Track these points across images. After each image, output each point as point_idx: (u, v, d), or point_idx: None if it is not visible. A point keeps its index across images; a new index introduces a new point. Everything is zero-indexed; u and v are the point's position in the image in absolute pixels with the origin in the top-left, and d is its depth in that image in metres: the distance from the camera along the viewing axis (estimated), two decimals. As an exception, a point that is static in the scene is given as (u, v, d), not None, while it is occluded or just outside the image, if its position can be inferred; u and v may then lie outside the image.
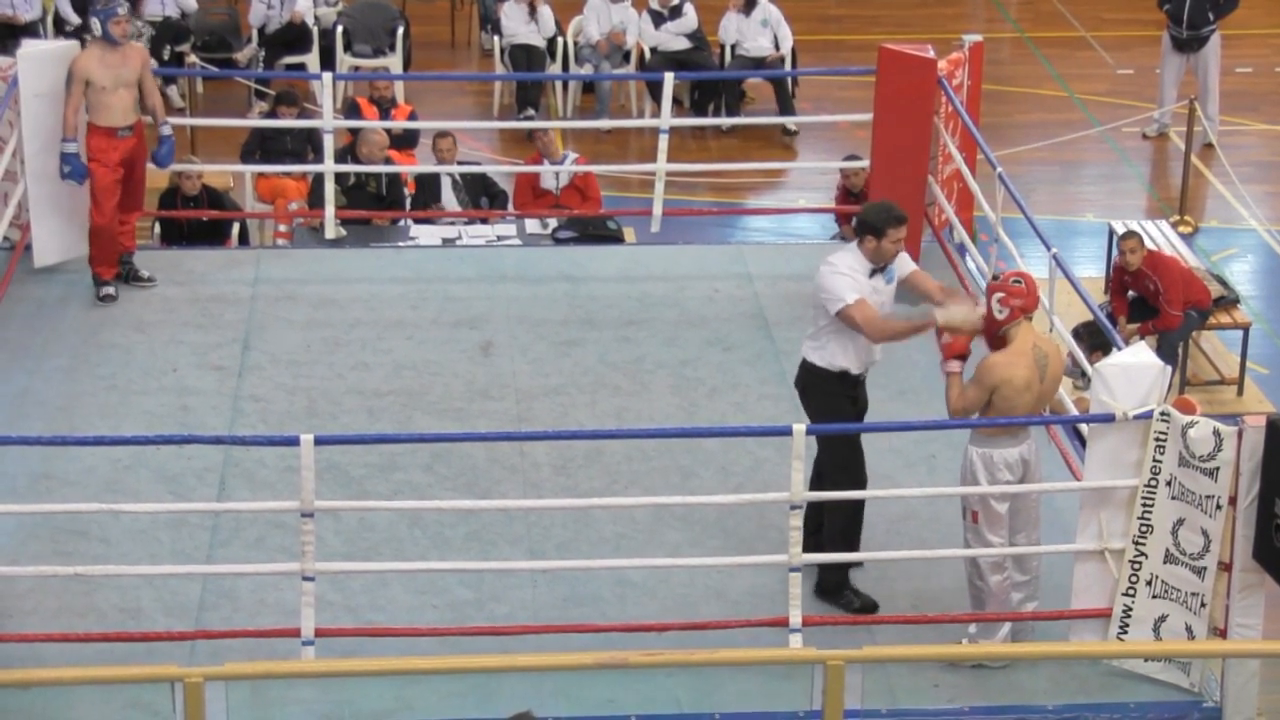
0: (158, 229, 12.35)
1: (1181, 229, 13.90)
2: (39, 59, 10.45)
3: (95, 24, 10.20)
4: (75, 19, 16.26)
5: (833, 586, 8.25)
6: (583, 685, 7.41)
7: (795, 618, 7.80)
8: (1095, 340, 10.34)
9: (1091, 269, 13.32)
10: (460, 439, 8.76)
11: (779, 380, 9.85)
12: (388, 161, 12.32)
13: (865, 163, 11.45)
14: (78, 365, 9.91)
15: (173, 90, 16.08)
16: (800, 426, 7.74)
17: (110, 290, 10.42)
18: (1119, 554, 7.79)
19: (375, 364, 9.98)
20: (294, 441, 7.57)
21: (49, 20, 16.31)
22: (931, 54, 10.77)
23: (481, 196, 12.69)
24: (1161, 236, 13.00)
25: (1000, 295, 7.84)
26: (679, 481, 9.02)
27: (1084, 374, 9.19)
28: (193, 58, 16.12)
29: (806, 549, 7.82)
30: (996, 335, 7.89)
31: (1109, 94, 16.86)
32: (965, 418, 7.85)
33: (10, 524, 8.46)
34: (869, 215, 8.20)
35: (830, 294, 8.11)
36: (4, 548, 8.32)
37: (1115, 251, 12.42)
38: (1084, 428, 8.35)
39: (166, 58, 16.23)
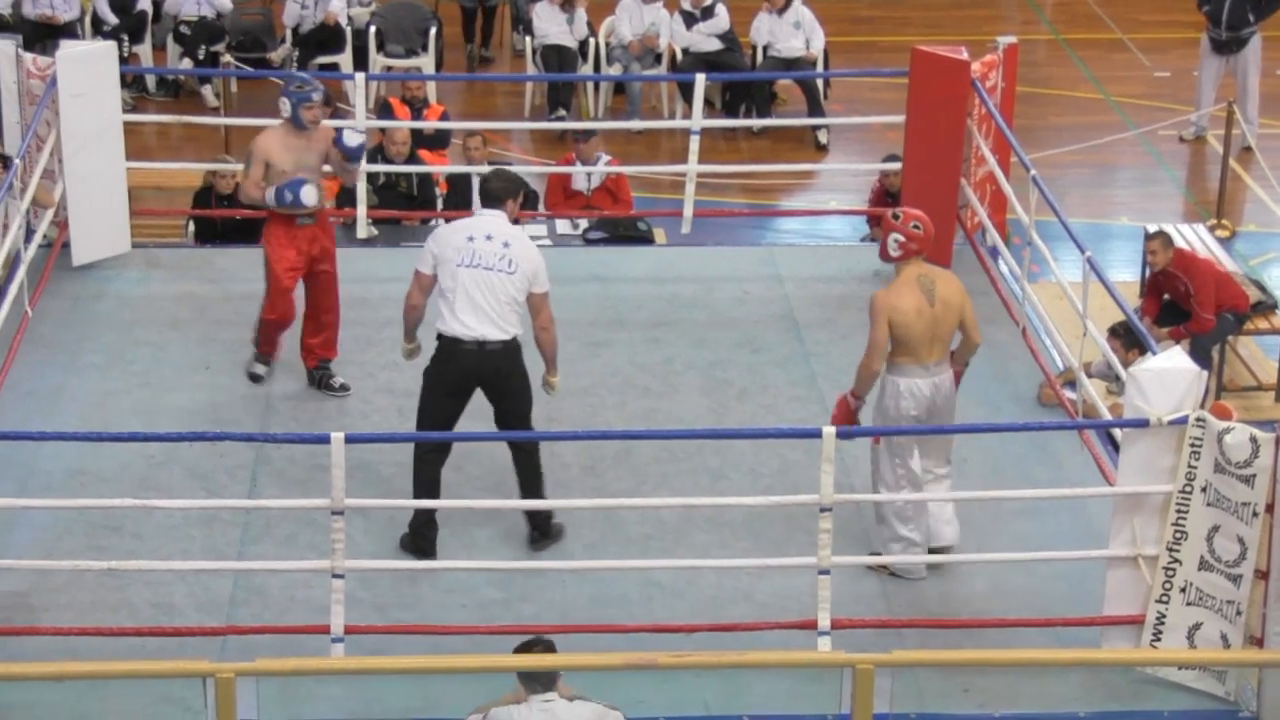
0: (192, 227, 12.41)
1: (1219, 233, 13.83)
2: (77, 60, 10.50)
3: (285, 105, 9.30)
4: (113, 19, 16.34)
5: (554, 531, 8.57)
6: (611, 686, 7.40)
7: (824, 620, 7.79)
8: (1131, 338, 10.30)
9: (1126, 273, 13.27)
10: (489, 438, 8.77)
11: (809, 383, 9.85)
12: (418, 161, 12.35)
13: (899, 165, 11.43)
14: (112, 362, 9.95)
15: (207, 90, 16.15)
16: (830, 429, 7.74)
17: (260, 370, 9.65)
18: (1153, 560, 7.75)
19: (405, 363, 9.99)
20: (325, 440, 7.60)
21: (87, 21, 16.39)
22: (965, 56, 10.75)
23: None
24: (1198, 240, 12.92)
25: (899, 239, 8.22)
26: (708, 483, 9.02)
27: (1118, 378, 9.17)
28: (228, 57, 16.18)
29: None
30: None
31: (1145, 96, 16.80)
32: (879, 358, 8.16)
33: (45, 519, 8.51)
34: None
35: (545, 274, 8.51)
36: (39, 542, 8.37)
37: (1149, 255, 12.37)
38: (1118, 432, 8.33)
39: (201, 57, 16.31)
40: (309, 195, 9.28)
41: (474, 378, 8.39)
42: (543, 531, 8.58)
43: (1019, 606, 8.15)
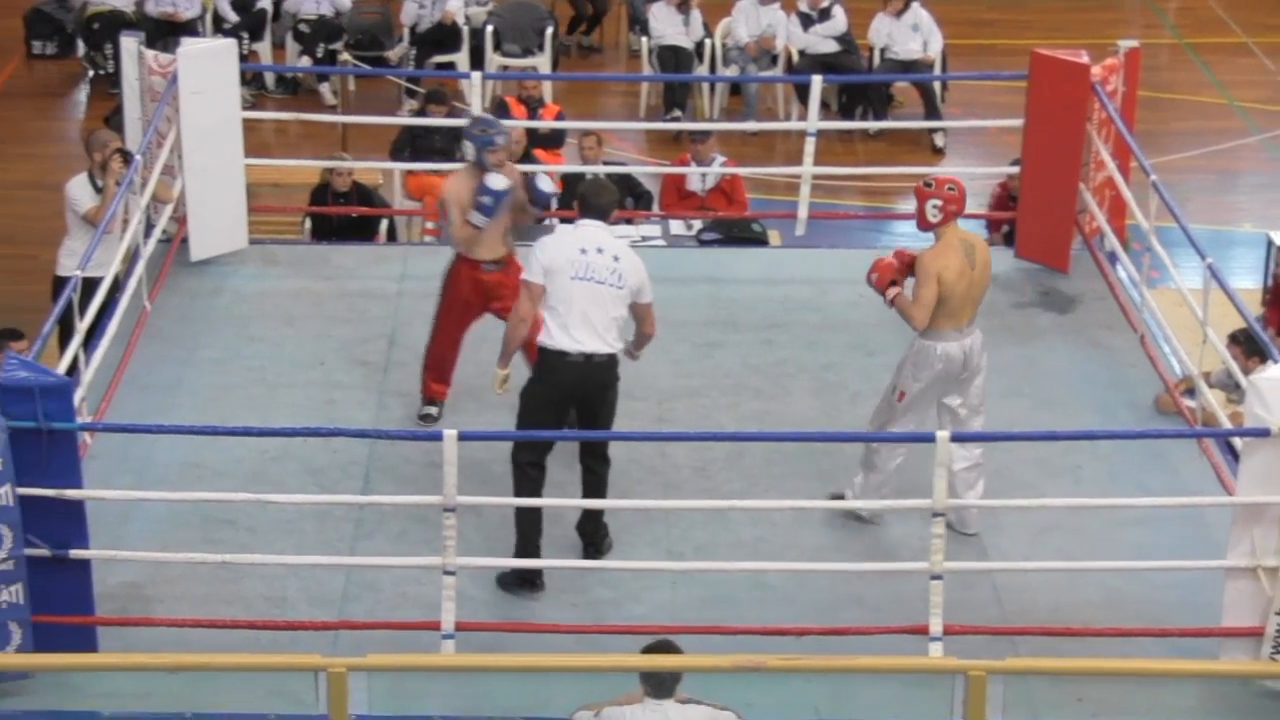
0: (308, 225, 12.50)
1: (1346, 240, 13.61)
2: (198, 57, 10.60)
3: (469, 149, 9.13)
4: (233, 17, 16.52)
5: (608, 545, 8.52)
6: (719, 688, 7.38)
7: (936, 626, 7.73)
8: (1252, 346, 10.15)
9: (1248, 280, 13.07)
10: (601, 438, 8.77)
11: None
12: (533, 160, 12.37)
13: (1017, 169, 11.34)
14: (228, 357, 10.04)
15: (325, 87, 16.28)
16: (944, 433, 7.68)
17: (432, 411, 9.39)
18: (1273, 572, 7.63)
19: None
20: (437, 437, 7.63)
21: (208, 18, 16.57)
22: (1085, 59, 10.65)
23: (627, 197, 12.71)
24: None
25: (937, 203, 8.41)
26: (819, 486, 8.97)
27: (1238, 386, 9.05)
28: (345, 55, 16.31)
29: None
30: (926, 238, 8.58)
31: (1270, 101, 16.56)
32: (929, 315, 8.35)
33: (161, 511, 8.59)
34: None
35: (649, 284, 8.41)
36: (154, 534, 8.45)
37: (1274, 263, 12.20)
38: (1238, 441, 8.21)
39: (320, 55, 16.44)
40: (545, 184, 9.48)
41: (578, 392, 8.27)
42: (597, 548, 8.51)
43: (1134, 616, 8.07)
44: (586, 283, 8.18)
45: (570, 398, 8.30)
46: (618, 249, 8.31)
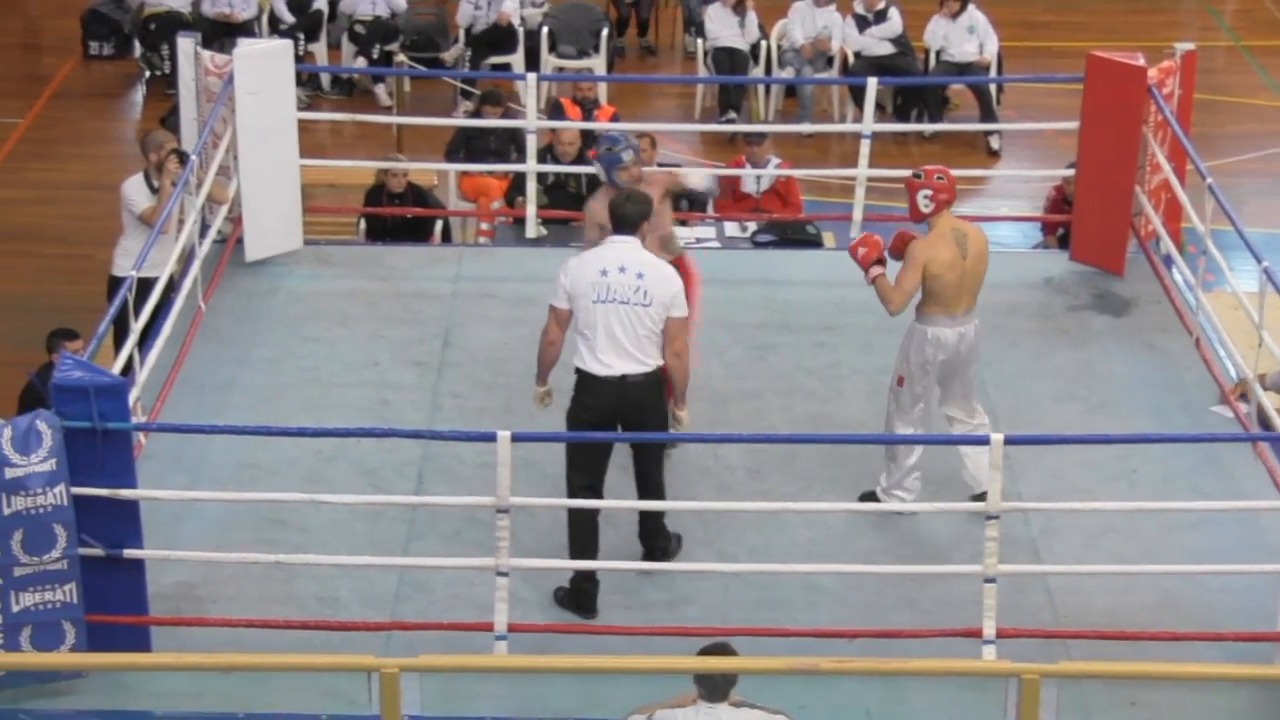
0: (363, 225, 12.54)
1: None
2: (254, 58, 10.64)
3: (600, 171, 9.03)
4: (289, 18, 16.59)
5: (675, 548, 8.50)
6: (772, 690, 7.36)
7: (989, 629, 7.71)
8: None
9: (1304, 284, 13.00)
10: (654, 439, 8.78)
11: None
12: (587, 161, 12.38)
13: (1072, 172, 11.29)
14: (283, 357, 10.08)
15: (381, 89, 16.34)
16: (999, 436, 7.65)
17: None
18: (1326, 576, 7.60)
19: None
20: (491, 437, 7.64)
21: (264, 19, 16.64)
22: (1142, 62, 10.60)
23: (681, 199, 12.70)
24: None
25: (928, 192, 8.49)
26: (873, 488, 8.95)
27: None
28: (401, 56, 16.35)
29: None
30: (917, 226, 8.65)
31: (1328, 105, 16.47)
32: (907, 302, 8.50)
33: (215, 511, 8.63)
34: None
35: (684, 297, 8.24)
36: (208, 534, 8.49)
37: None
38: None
39: (375, 56, 16.50)
40: (700, 180, 9.67)
41: (615, 411, 8.21)
42: (661, 552, 8.46)
43: (1188, 620, 8.02)
44: (609, 305, 8.09)
45: (610, 418, 8.21)
46: (642, 265, 8.13)
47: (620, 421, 8.23)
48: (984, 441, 7.75)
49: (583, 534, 8.23)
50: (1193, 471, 9.02)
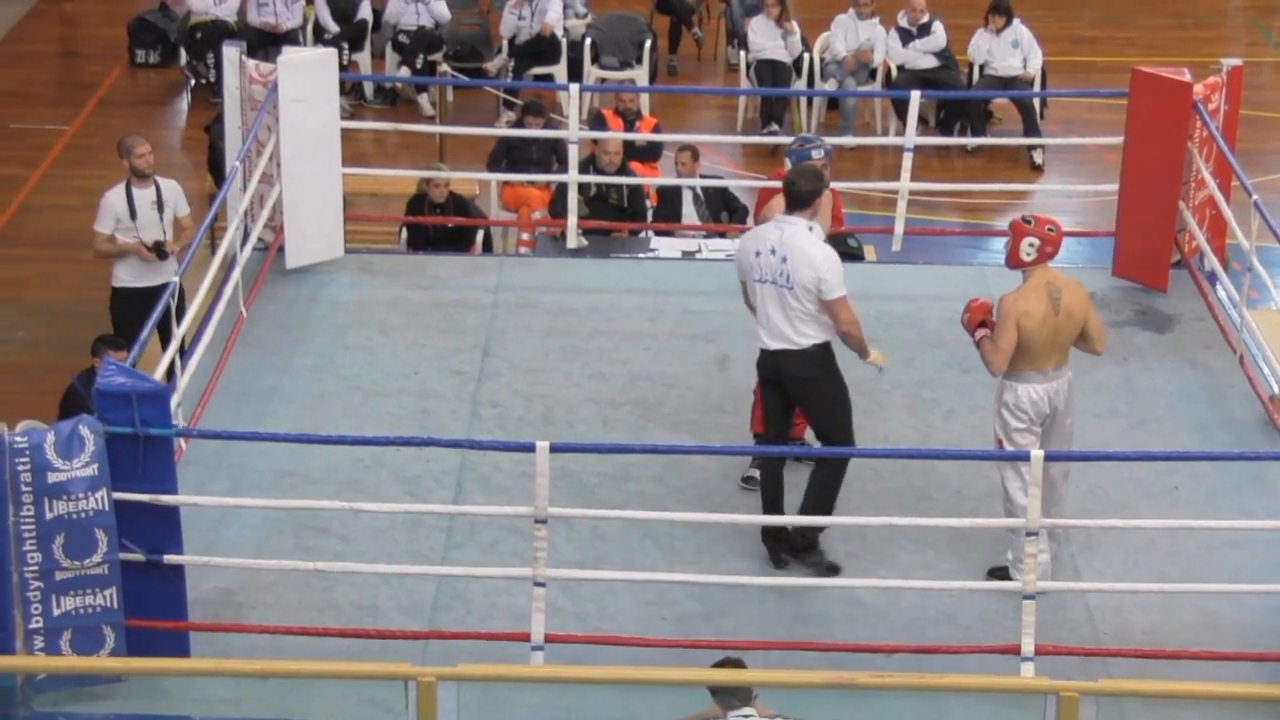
0: (404, 234, 12.57)
1: None
2: (298, 66, 10.67)
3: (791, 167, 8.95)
4: (334, 27, 16.64)
5: (804, 545, 8.44)
6: (809, 704, 7.35)
7: (1028, 646, 7.68)
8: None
9: (1348, 302, 12.91)
10: (694, 451, 8.78)
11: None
12: (629, 173, 12.39)
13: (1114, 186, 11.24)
14: (324, 365, 10.10)
15: (424, 98, 16.37)
16: (1039, 453, 7.62)
17: (752, 474, 8.99)
18: (1369, 596, 7.54)
19: (612, 374, 10.03)
20: (530, 448, 7.65)
21: (309, 29, 16.70)
22: (1187, 77, 10.55)
23: (722, 211, 12.70)
24: None
25: (1034, 241, 8.17)
26: (912, 503, 8.93)
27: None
28: (444, 66, 16.39)
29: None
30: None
31: (1373, 122, 16.35)
32: (1006, 360, 8.16)
33: (256, 518, 8.65)
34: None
35: (836, 280, 8.32)
36: (248, 541, 8.51)
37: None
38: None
39: (419, 66, 16.54)
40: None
41: (774, 379, 8.48)
42: (797, 549, 8.50)
43: (1229, 639, 7.97)
44: (763, 284, 8.38)
45: (778, 389, 8.48)
46: (789, 248, 8.31)
47: (790, 394, 8.48)
48: (1023, 457, 7.71)
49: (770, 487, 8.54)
50: (1236, 489, 8.97)
